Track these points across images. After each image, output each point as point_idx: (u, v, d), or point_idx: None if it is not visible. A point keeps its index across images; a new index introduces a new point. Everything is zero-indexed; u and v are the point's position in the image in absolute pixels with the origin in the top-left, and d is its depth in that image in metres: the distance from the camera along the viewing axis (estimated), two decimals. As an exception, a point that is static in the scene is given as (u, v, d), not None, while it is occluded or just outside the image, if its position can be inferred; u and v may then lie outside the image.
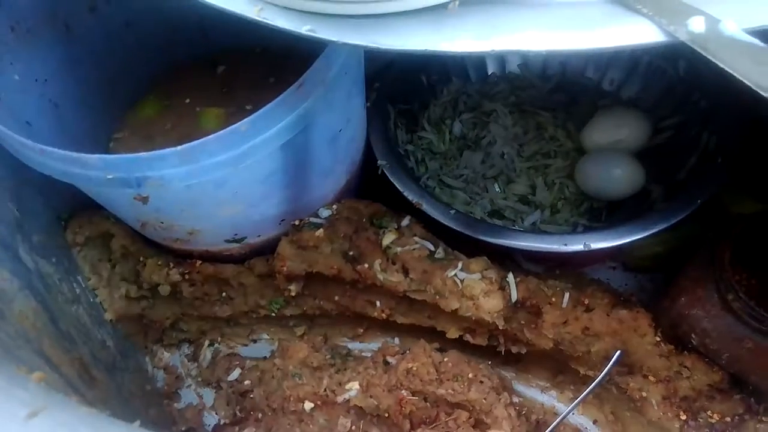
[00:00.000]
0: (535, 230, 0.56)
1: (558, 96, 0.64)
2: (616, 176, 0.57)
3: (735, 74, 0.24)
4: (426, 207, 0.52)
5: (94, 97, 0.55)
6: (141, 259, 0.54)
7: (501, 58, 0.66)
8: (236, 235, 0.51)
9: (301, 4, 0.29)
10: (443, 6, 0.29)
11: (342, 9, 0.29)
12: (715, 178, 0.51)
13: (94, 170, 0.39)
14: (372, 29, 0.29)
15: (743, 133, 0.53)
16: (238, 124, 0.38)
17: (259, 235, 0.52)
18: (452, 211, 0.52)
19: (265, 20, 0.30)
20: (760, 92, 0.24)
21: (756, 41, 0.25)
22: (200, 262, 0.53)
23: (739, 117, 0.53)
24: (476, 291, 0.47)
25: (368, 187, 0.57)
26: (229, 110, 0.55)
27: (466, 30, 0.28)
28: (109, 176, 0.39)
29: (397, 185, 0.53)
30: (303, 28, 0.30)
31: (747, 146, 0.52)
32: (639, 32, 0.26)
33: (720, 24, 0.25)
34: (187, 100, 0.56)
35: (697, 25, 0.25)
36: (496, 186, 0.60)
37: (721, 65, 0.24)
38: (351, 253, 0.50)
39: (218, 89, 0.57)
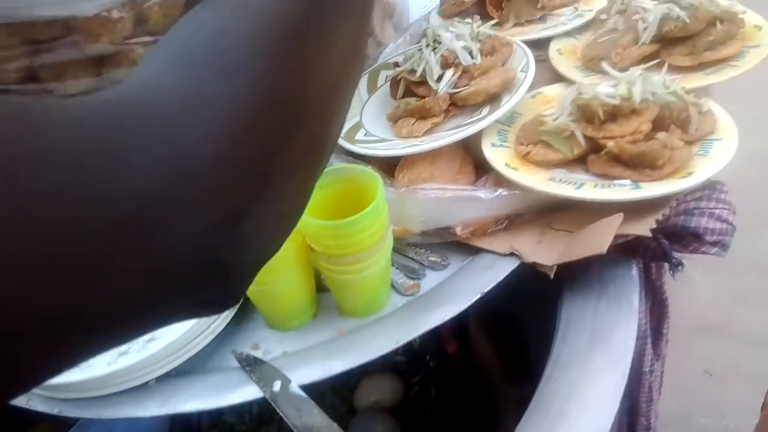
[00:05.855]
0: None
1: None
2: (378, 431, 0.73)
3: (284, 417, 0.42)
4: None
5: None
6: None
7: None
8: None
9: (51, 394, 0.46)
10: (146, 383, 0.47)
11: (75, 395, 0.46)
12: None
13: None
14: (97, 406, 0.46)
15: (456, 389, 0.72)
16: None
17: None
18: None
19: (31, 407, 0.47)
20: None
21: (303, 394, 0.43)
22: None
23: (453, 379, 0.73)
24: None
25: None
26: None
27: (155, 399, 0.45)
28: None
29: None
30: (54, 410, 0.46)
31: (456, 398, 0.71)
32: (250, 392, 0.45)
33: (290, 383, 0.44)
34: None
35: (276, 386, 0.44)
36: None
37: (280, 413, 0.43)
38: None
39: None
